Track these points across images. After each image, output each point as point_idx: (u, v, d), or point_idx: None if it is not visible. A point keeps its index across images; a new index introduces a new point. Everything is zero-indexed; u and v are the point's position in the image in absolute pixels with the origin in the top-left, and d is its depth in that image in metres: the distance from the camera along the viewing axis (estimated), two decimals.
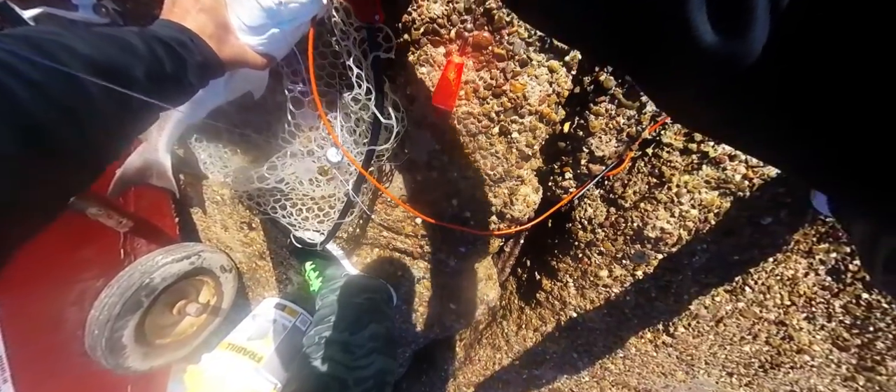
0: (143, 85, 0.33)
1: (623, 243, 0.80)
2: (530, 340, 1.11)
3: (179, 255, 1.02)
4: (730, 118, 0.19)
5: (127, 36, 0.34)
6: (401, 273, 0.98)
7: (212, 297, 1.19)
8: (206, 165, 0.83)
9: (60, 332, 0.86)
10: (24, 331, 0.78)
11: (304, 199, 0.85)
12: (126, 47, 0.33)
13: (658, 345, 0.98)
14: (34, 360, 0.81)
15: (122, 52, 0.32)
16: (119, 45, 0.33)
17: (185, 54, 0.38)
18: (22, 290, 0.77)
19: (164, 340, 1.09)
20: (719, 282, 0.80)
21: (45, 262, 0.80)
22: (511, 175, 0.68)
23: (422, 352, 1.35)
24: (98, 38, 0.32)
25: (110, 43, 0.32)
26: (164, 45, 0.36)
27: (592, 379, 1.16)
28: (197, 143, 0.83)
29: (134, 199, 0.96)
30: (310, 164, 0.73)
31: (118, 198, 0.91)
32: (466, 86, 0.58)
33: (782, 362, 0.89)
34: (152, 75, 0.34)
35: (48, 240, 0.79)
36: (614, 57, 0.23)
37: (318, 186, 0.77)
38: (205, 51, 0.40)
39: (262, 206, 0.85)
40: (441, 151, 0.67)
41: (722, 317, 0.86)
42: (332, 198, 0.82)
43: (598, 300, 0.93)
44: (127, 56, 0.33)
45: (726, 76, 0.17)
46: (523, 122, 0.60)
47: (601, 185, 0.81)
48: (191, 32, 0.39)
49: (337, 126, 0.65)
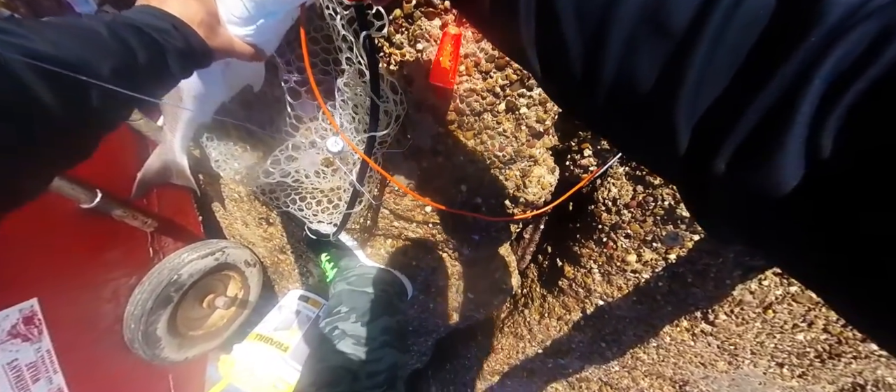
0: (108, 80, 0.31)
1: (653, 224, 0.72)
2: (554, 329, 1.06)
3: (204, 251, 1.06)
4: (756, 243, 0.19)
5: (95, 26, 0.33)
6: (415, 263, 0.96)
7: (239, 290, 1.23)
8: (219, 164, 0.84)
9: (100, 328, 0.93)
10: (67, 327, 0.84)
11: (314, 192, 0.84)
12: (91, 40, 0.32)
13: (696, 333, 0.90)
14: (79, 353, 0.88)
15: (84, 46, 0.31)
16: (83, 38, 0.31)
17: (163, 41, 0.36)
18: (60, 290, 0.82)
19: (196, 332, 1.15)
20: (767, 264, 0.71)
21: (79, 263, 0.85)
22: (522, 155, 0.63)
23: (444, 341, 1.34)
24: (60, 32, 0.30)
25: (73, 37, 0.31)
26: (138, 32, 0.35)
27: (623, 369, 1.09)
28: (208, 143, 0.84)
29: (157, 200, 1.00)
30: (314, 157, 0.72)
31: (142, 199, 0.95)
32: (466, 60, 0.53)
33: (843, 352, 0.79)
34: (121, 69, 0.33)
35: (80, 242, 0.84)
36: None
37: (325, 178, 0.76)
38: (190, 37, 0.38)
39: (276, 200, 0.85)
40: (445, 134, 0.63)
41: (771, 303, 0.77)
42: (339, 189, 0.80)
43: (627, 287, 0.86)
44: (91, 50, 0.31)
45: (753, 208, 0.17)
46: (532, 96, 0.54)
47: (627, 163, 0.73)
48: (173, 18, 0.38)
49: (336, 115, 0.63)
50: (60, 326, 0.82)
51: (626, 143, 0.24)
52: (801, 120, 0.14)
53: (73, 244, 0.83)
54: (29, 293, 0.77)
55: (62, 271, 0.82)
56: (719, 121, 0.16)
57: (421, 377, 1.51)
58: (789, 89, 0.14)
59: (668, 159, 0.19)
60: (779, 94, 0.14)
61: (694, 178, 0.19)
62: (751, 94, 0.15)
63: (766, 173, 0.15)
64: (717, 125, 0.16)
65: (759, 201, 0.16)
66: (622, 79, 0.19)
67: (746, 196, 0.16)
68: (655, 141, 0.20)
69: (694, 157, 0.18)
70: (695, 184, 0.19)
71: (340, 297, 0.82)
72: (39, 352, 0.80)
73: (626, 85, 0.19)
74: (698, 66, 0.16)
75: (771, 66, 0.15)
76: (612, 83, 0.19)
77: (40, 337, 0.80)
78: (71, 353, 0.85)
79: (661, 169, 0.23)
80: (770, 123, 0.15)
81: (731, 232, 0.20)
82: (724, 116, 0.16)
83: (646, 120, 0.19)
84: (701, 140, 0.17)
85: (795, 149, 0.14)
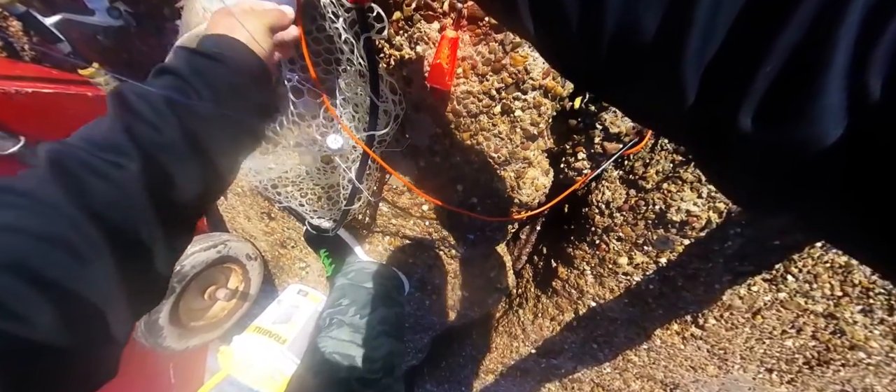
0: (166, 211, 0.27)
1: (644, 228, 0.74)
2: (547, 329, 1.08)
3: (207, 244, 1.08)
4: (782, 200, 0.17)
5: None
6: (411, 260, 0.98)
7: (240, 283, 1.26)
8: None
9: None
10: None
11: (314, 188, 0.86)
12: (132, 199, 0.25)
13: (686, 337, 0.91)
14: None
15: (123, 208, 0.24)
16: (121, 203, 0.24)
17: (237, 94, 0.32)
18: None
19: (197, 323, 1.17)
20: (756, 270, 0.72)
21: None
22: (516, 157, 0.64)
23: (440, 338, 1.36)
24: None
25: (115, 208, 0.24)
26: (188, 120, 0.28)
27: (614, 370, 1.11)
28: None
29: None
30: (315, 154, 0.73)
31: None
32: (464, 62, 0.55)
33: (832, 359, 0.79)
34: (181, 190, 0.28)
35: None
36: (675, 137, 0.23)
37: (325, 174, 0.78)
38: (237, 62, 0.33)
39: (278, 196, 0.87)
40: (442, 135, 0.65)
41: (759, 308, 0.78)
42: (339, 185, 0.82)
43: (618, 289, 0.87)
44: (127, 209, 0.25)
45: (783, 162, 0.14)
46: (527, 99, 0.56)
47: (621, 166, 0.75)
48: (225, 46, 0.33)
49: (336, 111, 0.65)
50: None
51: (629, 100, 0.21)
52: (839, 57, 0.11)
53: None
54: None
55: None
56: (735, 67, 0.14)
57: (417, 374, 1.53)
58: (820, 20, 0.11)
59: (674, 114, 0.17)
60: (808, 28, 0.12)
61: (707, 136, 0.17)
62: (772, 32, 0.13)
63: (799, 125, 0.13)
64: (734, 72, 0.14)
65: (789, 158, 0.14)
66: (624, 27, 0.17)
67: (774, 153, 0.14)
68: (660, 94, 0.17)
69: (705, 111, 0.16)
70: (708, 142, 0.17)
71: (341, 292, 0.84)
72: None
73: (629, 33, 0.17)
74: (706, 4, 0.14)
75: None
76: (614, 33, 0.17)
77: None
78: None
79: (667, 127, 0.21)
80: (800, 65, 0.12)
81: (750, 194, 0.18)
82: (741, 62, 0.14)
83: (649, 71, 0.17)
84: (713, 90, 0.15)
85: (835, 93, 0.12)
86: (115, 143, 0.25)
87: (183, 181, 0.27)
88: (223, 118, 0.31)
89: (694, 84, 0.15)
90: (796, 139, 0.13)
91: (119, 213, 0.24)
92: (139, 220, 0.25)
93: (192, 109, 0.29)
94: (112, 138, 0.25)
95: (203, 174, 0.29)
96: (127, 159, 0.25)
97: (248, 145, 0.36)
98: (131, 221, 0.24)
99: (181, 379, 1.23)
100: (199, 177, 0.29)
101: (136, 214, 0.25)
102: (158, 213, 0.26)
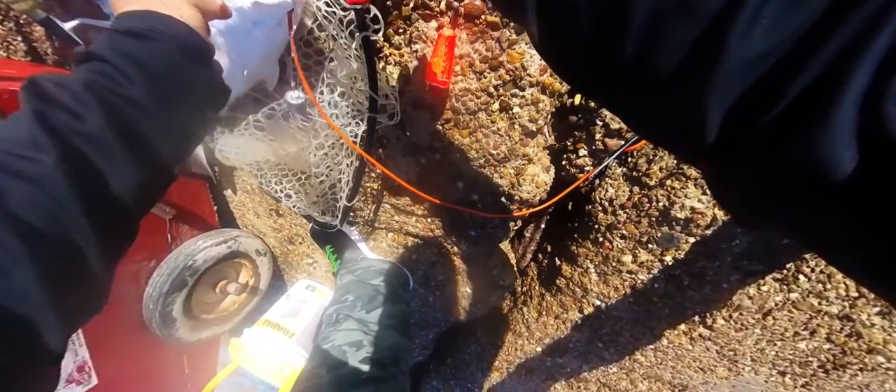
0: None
1: (648, 225, 0.73)
2: (551, 328, 1.07)
3: (218, 239, 1.12)
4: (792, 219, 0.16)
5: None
6: (415, 257, 0.99)
7: (250, 278, 1.29)
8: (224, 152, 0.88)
9: (122, 307, 1.00)
10: None
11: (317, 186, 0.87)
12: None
13: (694, 337, 0.89)
14: (102, 329, 0.95)
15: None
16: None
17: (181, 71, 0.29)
18: None
19: (209, 316, 1.21)
20: (766, 269, 0.70)
21: None
22: (516, 154, 0.64)
23: (445, 335, 1.37)
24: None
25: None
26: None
27: (621, 370, 1.09)
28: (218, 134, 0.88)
29: (176, 190, 1.06)
30: (314, 152, 0.74)
31: None
32: (461, 60, 0.55)
33: (848, 363, 0.76)
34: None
35: None
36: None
37: (327, 165, 0.78)
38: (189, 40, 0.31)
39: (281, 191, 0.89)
40: (442, 132, 0.65)
41: (770, 309, 0.75)
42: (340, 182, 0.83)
43: (623, 288, 0.86)
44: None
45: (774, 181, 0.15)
46: (524, 96, 0.56)
47: (624, 163, 0.73)
48: (158, 21, 0.29)
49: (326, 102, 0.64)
50: None
51: (633, 114, 0.21)
52: (854, 85, 0.12)
53: None
54: None
55: None
56: (756, 101, 0.14)
57: (423, 371, 1.55)
58: (841, 56, 0.12)
59: (692, 143, 0.17)
60: (827, 62, 0.12)
61: (719, 159, 0.17)
62: (794, 70, 0.13)
63: (808, 146, 0.13)
64: (754, 105, 0.14)
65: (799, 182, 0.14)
66: (647, 47, 0.17)
67: (783, 175, 0.14)
68: (680, 125, 0.17)
69: (724, 140, 0.16)
70: (718, 165, 0.17)
71: (347, 288, 0.85)
72: None
73: (651, 54, 0.16)
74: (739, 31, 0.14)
75: (817, 38, 0.13)
76: (633, 52, 0.17)
77: None
78: (94, 330, 0.92)
79: (680, 150, 0.20)
80: (815, 91, 0.13)
81: (761, 217, 0.17)
82: (763, 95, 0.14)
83: (667, 94, 0.17)
84: (735, 123, 0.15)
85: (846, 117, 0.12)
86: (28, 136, 0.22)
87: (114, 174, 0.25)
88: (159, 102, 0.27)
89: (718, 115, 0.15)
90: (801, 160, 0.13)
91: (38, 213, 0.21)
92: (64, 218, 0.22)
93: (120, 94, 0.25)
94: (25, 132, 0.23)
95: (139, 165, 0.26)
96: (41, 152, 0.22)
97: (195, 129, 0.32)
98: (55, 221, 0.22)
99: (194, 370, 1.28)
100: (133, 168, 0.26)
101: (60, 213, 0.22)
102: (88, 210, 0.23)
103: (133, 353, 1.07)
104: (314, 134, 0.58)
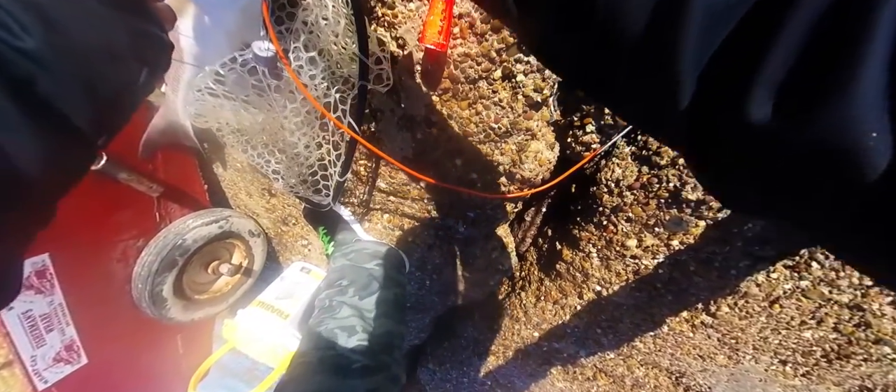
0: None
1: (656, 208, 0.69)
2: (549, 313, 1.05)
3: (208, 218, 1.09)
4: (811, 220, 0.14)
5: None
6: (411, 239, 0.95)
7: (243, 259, 1.27)
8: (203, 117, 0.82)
9: (110, 286, 0.97)
10: (78, 283, 0.88)
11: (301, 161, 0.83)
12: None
13: (696, 324, 0.87)
14: (90, 308, 0.92)
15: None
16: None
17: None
18: (70, 247, 0.86)
19: (202, 296, 1.19)
20: (778, 255, 0.67)
21: (88, 223, 0.88)
22: (519, 128, 0.60)
23: (442, 319, 1.35)
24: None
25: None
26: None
27: (618, 357, 1.08)
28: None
29: (163, 166, 1.02)
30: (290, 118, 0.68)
31: (147, 164, 0.97)
32: (461, 21, 0.50)
33: (853, 353, 0.74)
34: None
35: (88, 202, 0.87)
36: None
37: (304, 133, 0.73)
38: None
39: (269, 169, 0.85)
40: (439, 104, 0.61)
41: (778, 297, 0.73)
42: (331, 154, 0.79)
43: (625, 273, 0.83)
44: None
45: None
46: (530, 61, 0.51)
47: (633, 141, 0.69)
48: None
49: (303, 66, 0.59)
50: (72, 282, 0.86)
51: (616, 97, 0.19)
52: (881, 34, 0.09)
53: (81, 205, 0.86)
54: (40, 249, 0.80)
55: (71, 231, 0.85)
56: (741, 54, 0.12)
57: (420, 353, 1.54)
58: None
59: (670, 118, 0.15)
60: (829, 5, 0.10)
61: (705, 133, 0.14)
62: (785, 9, 0.11)
63: (826, 121, 0.10)
64: (739, 60, 0.12)
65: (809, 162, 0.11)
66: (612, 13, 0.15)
67: (789, 155, 0.12)
68: (655, 98, 0.15)
69: (704, 107, 0.14)
70: (705, 141, 0.15)
71: (340, 272, 0.83)
72: (52, 305, 0.85)
73: (617, 20, 0.15)
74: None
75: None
76: (602, 19, 0.15)
77: (53, 290, 0.84)
78: (82, 308, 0.90)
79: (660, 128, 0.19)
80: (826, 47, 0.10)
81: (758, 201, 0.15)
82: (749, 46, 0.12)
83: (638, 63, 0.15)
84: (715, 85, 0.13)
85: (873, 82, 0.09)
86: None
87: (9, 146, 0.20)
88: (65, 55, 0.22)
89: (691, 81, 0.13)
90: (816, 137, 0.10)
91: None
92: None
93: (13, 46, 0.20)
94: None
95: (42, 134, 0.21)
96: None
97: (121, 88, 0.26)
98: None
99: (189, 349, 1.27)
100: (33, 138, 0.21)
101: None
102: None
103: (124, 332, 1.05)
104: (289, 97, 0.53)
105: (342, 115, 0.58)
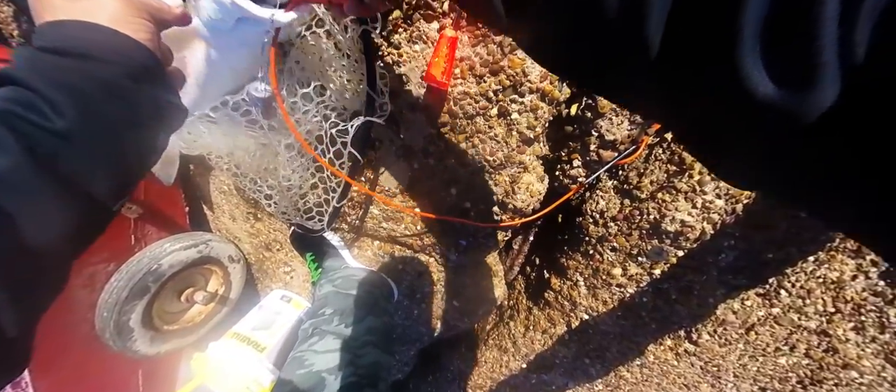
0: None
1: (638, 238, 0.73)
2: (538, 343, 1.05)
3: (187, 242, 1.04)
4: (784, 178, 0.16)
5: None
6: (401, 267, 0.95)
7: (220, 286, 1.20)
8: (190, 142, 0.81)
9: (71, 313, 0.89)
10: None
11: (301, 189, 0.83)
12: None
13: (679, 353, 0.89)
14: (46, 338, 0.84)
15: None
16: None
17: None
18: None
19: (171, 327, 1.11)
20: (750, 284, 0.72)
21: None
22: (512, 161, 0.63)
23: (428, 350, 1.31)
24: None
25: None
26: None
27: (606, 387, 1.08)
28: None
29: (144, 187, 0.98)
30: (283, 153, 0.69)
31: None
32: (462, 63, 0.54)
33: (825, 378, 0.79)
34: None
35: None
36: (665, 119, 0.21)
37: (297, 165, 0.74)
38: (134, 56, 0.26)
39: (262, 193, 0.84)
40: (437, 136, 0.64)
41: (753, 324, 0.77)
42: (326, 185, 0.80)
43: (612, 301, 0.86)
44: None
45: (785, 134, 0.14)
46: (524, 102, 0.56)
47: (615, 176, 0.74)
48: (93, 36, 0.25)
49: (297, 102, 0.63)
50: None
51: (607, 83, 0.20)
52: (829, 14, 0.10)
53: None
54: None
55: None
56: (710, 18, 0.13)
57: (402, 389, 1.47)
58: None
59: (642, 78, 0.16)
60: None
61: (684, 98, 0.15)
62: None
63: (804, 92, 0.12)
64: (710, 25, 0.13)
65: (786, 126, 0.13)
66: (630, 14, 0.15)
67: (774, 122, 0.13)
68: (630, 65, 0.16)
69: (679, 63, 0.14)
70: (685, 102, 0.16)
71: (325, 300, 0.81)
72: None
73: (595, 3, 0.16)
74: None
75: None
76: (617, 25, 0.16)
77: None
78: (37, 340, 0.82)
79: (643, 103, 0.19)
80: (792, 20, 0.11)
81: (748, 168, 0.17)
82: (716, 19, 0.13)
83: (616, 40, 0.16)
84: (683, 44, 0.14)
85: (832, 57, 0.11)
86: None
87: (32, 219, 0.21)
88: (93, 133, 0.23)
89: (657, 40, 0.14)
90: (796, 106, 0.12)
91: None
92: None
93: (42, 127, 0.21)
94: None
95: (66, 207, 0.22)
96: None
97: (140, 157, 0.27)
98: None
99: (150, 386, 1.16)
100: (59, 211, 0.22)
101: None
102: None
103: (80, 366, 0.96)
104: (285, 133, 0.54)
105: (342, 147, 0.60)
